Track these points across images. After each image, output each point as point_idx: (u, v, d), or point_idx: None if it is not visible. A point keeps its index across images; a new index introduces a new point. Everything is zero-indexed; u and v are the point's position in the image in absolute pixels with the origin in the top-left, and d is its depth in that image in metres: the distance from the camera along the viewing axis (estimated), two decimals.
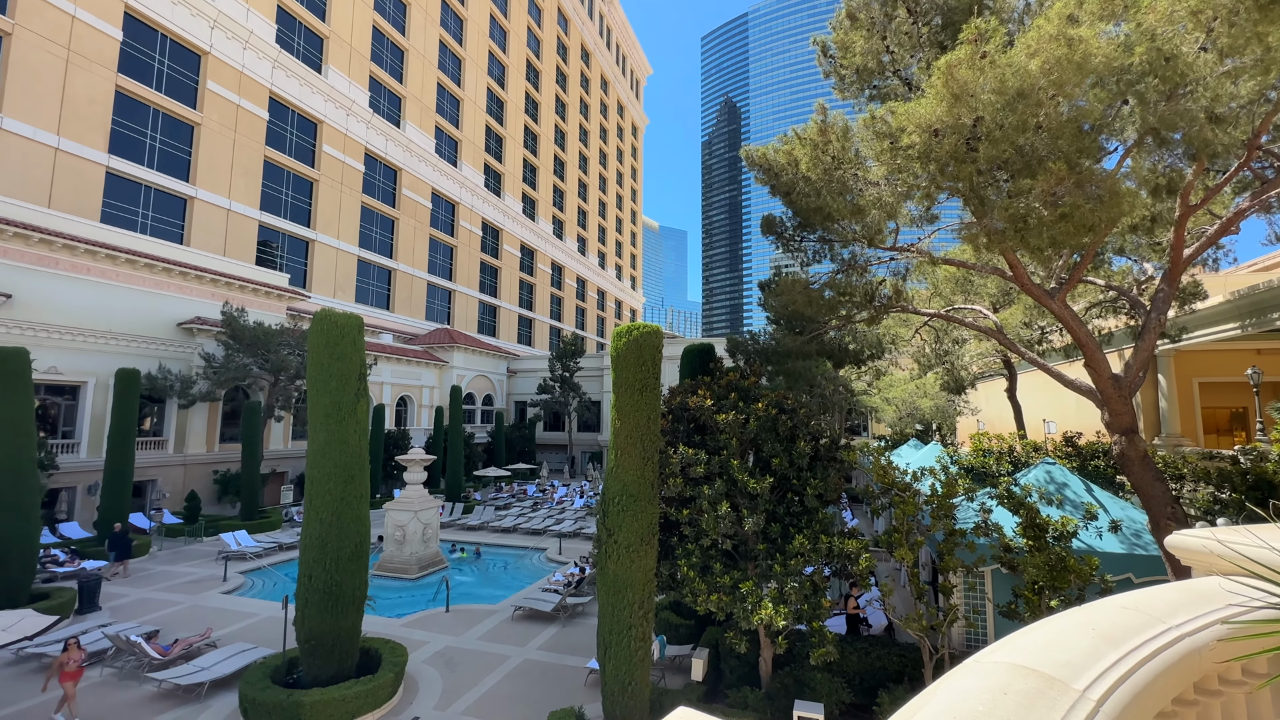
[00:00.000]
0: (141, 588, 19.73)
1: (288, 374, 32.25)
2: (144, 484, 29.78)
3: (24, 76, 31.34)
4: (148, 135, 37.67)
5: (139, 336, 30.01)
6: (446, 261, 66.43)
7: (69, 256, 27.54)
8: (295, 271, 47.45)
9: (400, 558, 21.71)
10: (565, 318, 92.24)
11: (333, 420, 11.74)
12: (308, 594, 11.42)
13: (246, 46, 43.42)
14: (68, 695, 10.82)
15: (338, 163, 51.42)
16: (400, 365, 46.76)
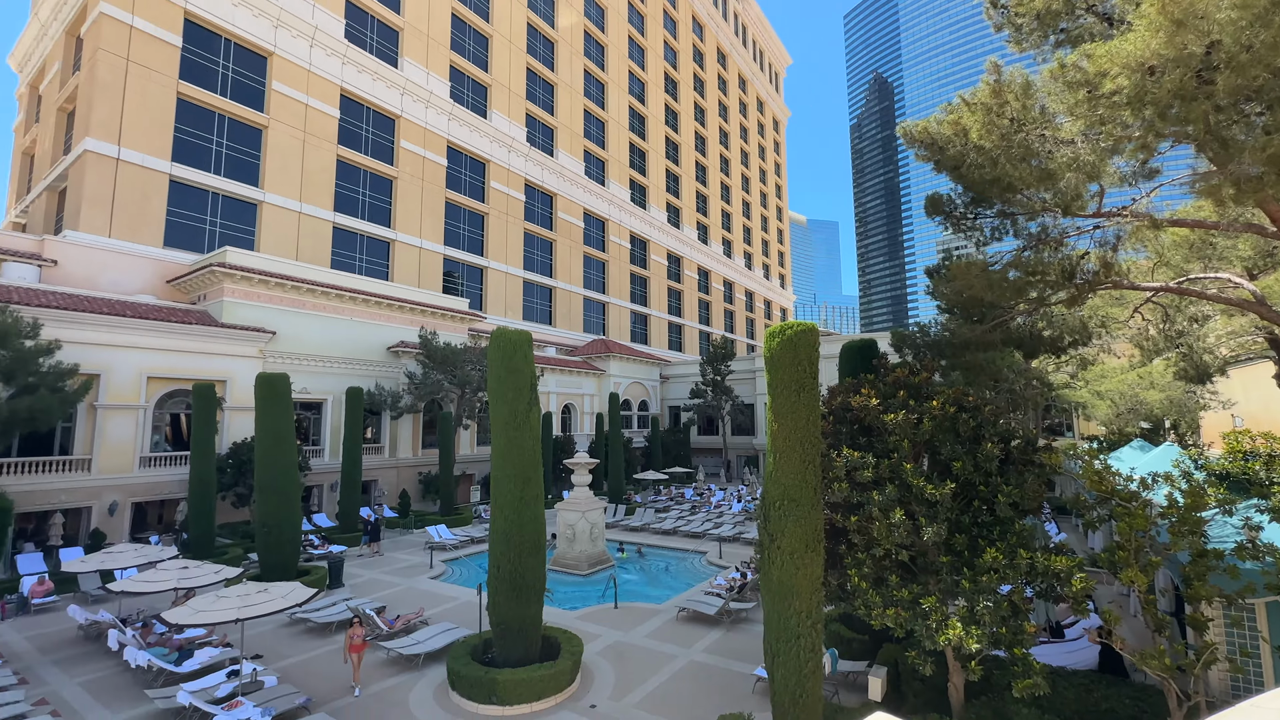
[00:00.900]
0: (372, 570, 23.57)
1: (471, 387, 36.45)
2: (369, 483, 35.57)
3: (277, 158, 39.55)
4: (359, 192, 45.25)
5: (360, 360, 36.03)
6: (599, 276, 70.22)
7: (310, 298, 34.01)
8: (473, 296, 53.53)
9: (571, 555, 23.29)
10: (714, 321, 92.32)
11: (510, 428, 13.01)
12: (496, 583, 12.75)
13: (428, 106, 50.22)
14: (354, 664, 13.01)
15: (503, 195, 57.11)
16: (563, 375, 50.35)
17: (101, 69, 32.39)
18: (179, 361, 27.83)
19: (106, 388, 25.46)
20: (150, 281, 32.40)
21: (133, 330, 26.34)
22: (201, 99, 36.43)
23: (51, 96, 38.82)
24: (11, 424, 19.74)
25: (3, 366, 19.79)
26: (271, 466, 19.78)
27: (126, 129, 32.95)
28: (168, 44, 34.90)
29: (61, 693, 12.89)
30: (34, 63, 43.40)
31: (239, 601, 11.95)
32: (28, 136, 43.44)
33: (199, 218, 36.30)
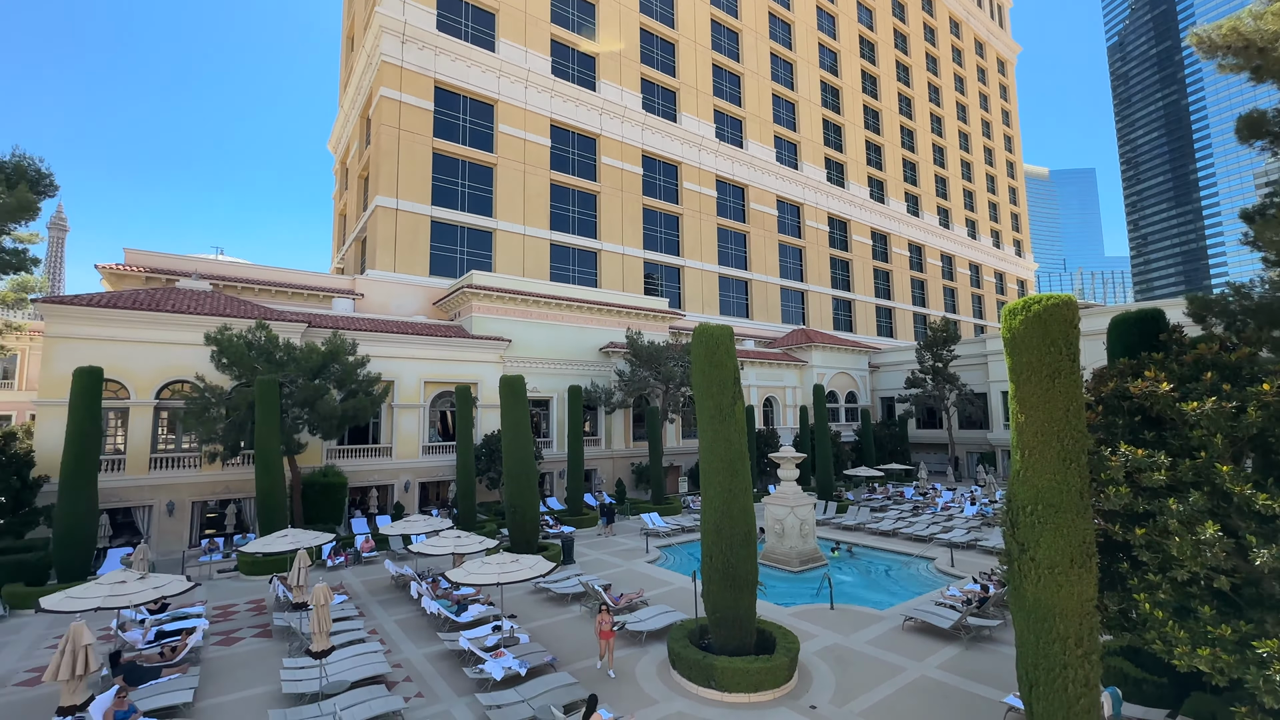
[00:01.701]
0: (596, 550, 26.06)
1: (674, 382, 38.01)
2: (589, 471, 39.33)
3: (504, 190, 45.87)
4: (569, 210, 50.17)
5: (577, 361, 40.00)
6: (796, 263, 67.70)
7: (535, 308, 38.78)
8: (671, 295, 55.69)
9: (780, 550, 22.89)
10: (930, 302, 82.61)
11: (716, 421, 13.27)
12: (710, 572, 13.12)
13: (624, 120, 53.59)
14: (604, 649, 13.49)
15: (695, 194, 58.36)
16: (763, 368, 49.67)
17: (383, 139, 41.03)
18: (444, 368, 33.99)
19: (398, 391, 32.22)
20: (422, 304, 40.12)
21: (413, 344, 32.89)
22: (448, 150, 43.92)
23: (354, 168, 50.33)
24: (343, 420, 26.14)
25: (337, 376, 26.32)
26: (514, 455, 23.08)
27: (401, 184, 41.22)
28: (424, 110, 42.77)
29: (384, 626, 16.71)
30: (342, 144, 56.76)
31: (498, 569, 14.20)
32: (340, 202, 56.99)
33: (451, 248, 43.81)
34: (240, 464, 26.53)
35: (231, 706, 12.09)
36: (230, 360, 23.91)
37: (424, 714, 11.69)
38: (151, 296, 26.69)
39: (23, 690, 12.97)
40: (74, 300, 24.11)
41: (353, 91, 50.09)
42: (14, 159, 22.36)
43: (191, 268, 32.63)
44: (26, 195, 21.27)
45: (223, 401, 24.18)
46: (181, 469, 25.99)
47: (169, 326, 25.80)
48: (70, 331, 23.88)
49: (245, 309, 28.28)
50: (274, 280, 35.45)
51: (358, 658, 13.04)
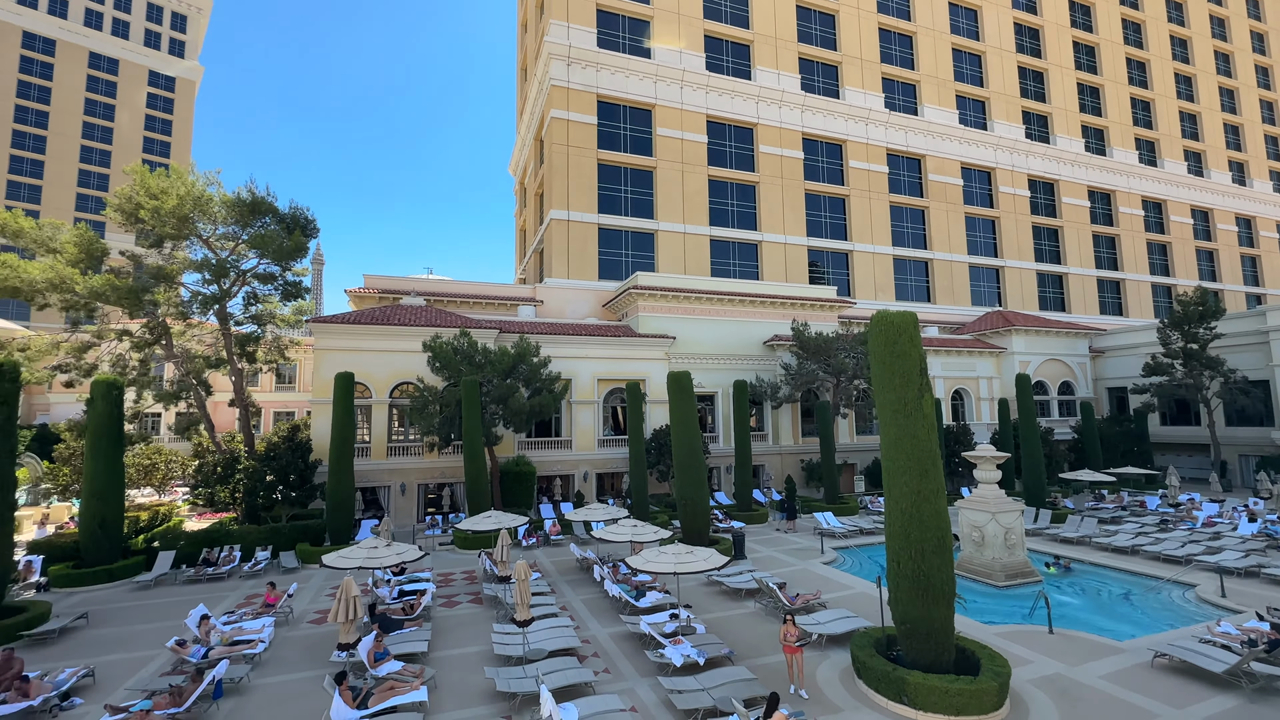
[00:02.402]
0: (768, 548, 25.61)
1: (846, 375, 35.80)
2: (757, 468, 38.76)
3: (663, 191, 47.05)
4: (727, 204, 49.83)
5: (740, 355, 39.61)
6: (988, 237, 59.64)
7: (697, 305, 39.20)
8: (839, 282, 52.51)
9: (980, 561, 20.37)
10: (1177, 269, 67.26)
11: (900, 416, 12.22)
12: (897, 579, 12.14)
13: (782, 105, 51.78)
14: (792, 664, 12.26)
15: (863, 172, 54.30)
16: (950, 357, 44.60)
17: (554, 157, 44.58)
18: (614, 366, 35.94)
19: (575, 388, 34.82)
20: (593, 307, 42.87)
21: (587, 345, 35.30)
22: (611, 159, 46.27)
23: (530, 187, 55.46)
24: (530, 415, 28.99)
25: (525, 376, 29.28)
26: (683, 449, 23.62)
27: (571, 197, 44.42)
28: (589, 124, 45.57)
29: (572, 604, 18.23)
30: (520, 167, 62.89)
31: (674, 559, 14.66)
32: (520, 219, 63.18)
33: (617, 253, 46.11)
34: (452, 453, 30.80)
35: (455, 660, 14.11)
36: (442, 364, 27.87)
37: (611, 689, 12.50)
38: (383, 313, 32.18)
39: (312, 627, 16.52)
40: (332, 319, 30.03)
41: (527, 117, 55.19)
42: (291, 210, 28.48)
43: (410, 287, 38.66)
44: (301, 239, 26.97)
45: (437, 399, 28.28)
46: (409, 456, 30.95)
47: (396, 337, 30.86)
48: (331, 344, 29.76)
49: (450, 319, 32.75)
50: (470, 293, 40.52)
51: (553, 630, 14.38)
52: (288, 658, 14.37)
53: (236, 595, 19.39)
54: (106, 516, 20.94)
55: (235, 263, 28.61)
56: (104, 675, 13.39)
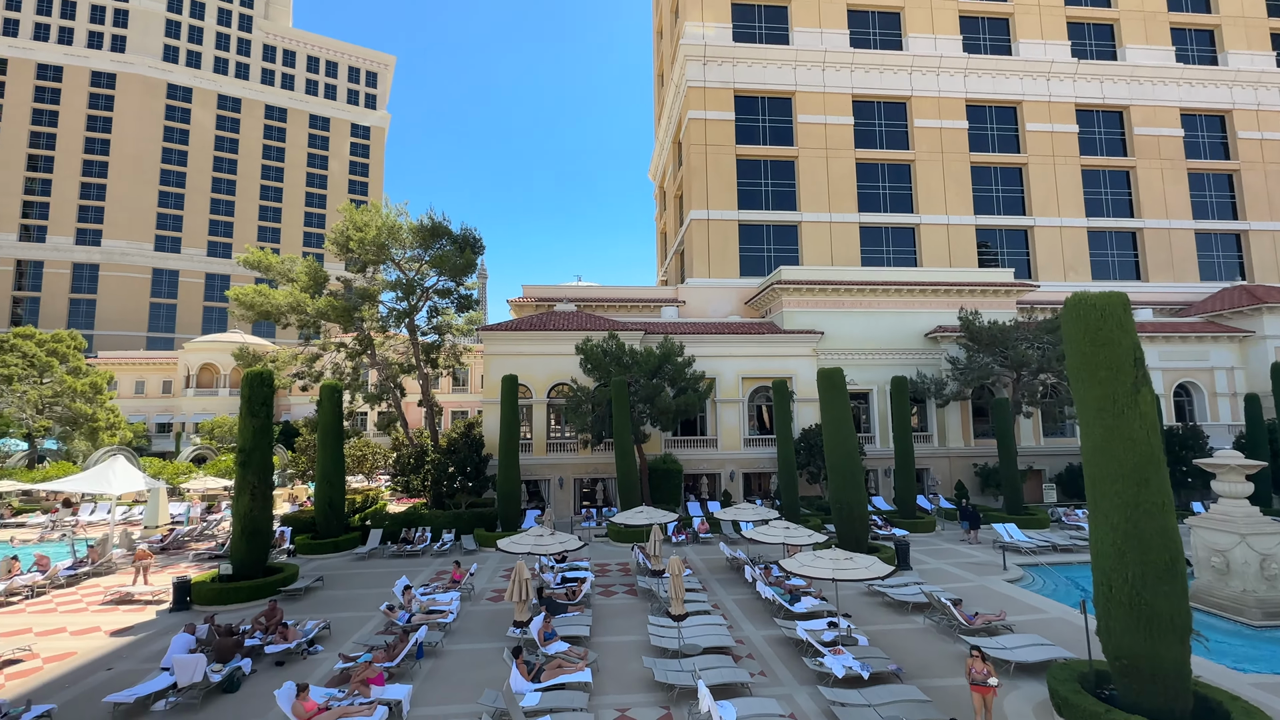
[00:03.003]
0: (938, 559, 23.36)
1: (1029, 368, 31.43)
2: (920, 471, 35.52)
3: (806, 180, 45.12)
4: (878, 187, 46.39)
5: (898, 349, 36.60)
6: (1223, 195, 48.72)
7: (847, 297, 36.97)
8: (1016, 263, 46.34)
9: (1224, 593, 16.65)
10: None
11: (1107, 414, 10.42)
12: (1108, 606, 10.36)
13: (940, 72, 46.97)
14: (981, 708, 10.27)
15: (1044, 135, 47.36)
16: (1170, 345, 37.13)
17: (693, 158, 44.89)
18: (759, 364, 35.22)
19: (719, 387, 34.72)
20: (735, 305, 42.43)
21: (730, 343, 35.04)
22: (750, 154, 45.43)
23: (670, 189, 56.41)
24: (676, 414, 29.48)
25: (669, 375, 29.86)
26: (837, 450, 22.41)
27: (711, 196, 44.41)
28: (726, 121, 45.20)
29: (724, 602, 18.20)
30: (659, 171, 64.29)
31: (831, 564, 13.98)
32: (661, 222, 64.55)
33: (758, 248, 45.16)
34: (603, 450, 32.37)
35: (614, 646, 14.81)
36: (592, 365, 29.44)
37: (768, 692, 12.26)
38: (539, 320, 34.83)
39: (490, 604, 18.38)
40: (497, 327, 33.19)
41: (665, 122, 56.23)
42: (462, 231, 31.97)
43: (562, 294, 41.39)
44: (472, 257, 30.19)
45: (589, 399, 29.93)
46: (566, 452, 33.13)
47: (551, 342, 33.21)
48: (497, 350, 32.90)
49: (599, 323, 34.47)
50: (615, 297, 42.28)
51: (706, 627, 14.48)
52: (472, 629, 16.15)
53: (429, 571, 22.24)
54: (333, 498, 25.26)
55: (420, 281, 32.88)
56: (336, 628, 16.13)
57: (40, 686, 13.00)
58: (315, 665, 13.83)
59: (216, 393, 64.15)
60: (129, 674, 13.46)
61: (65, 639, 15.91)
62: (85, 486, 25.52)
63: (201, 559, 24.59)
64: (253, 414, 19.74)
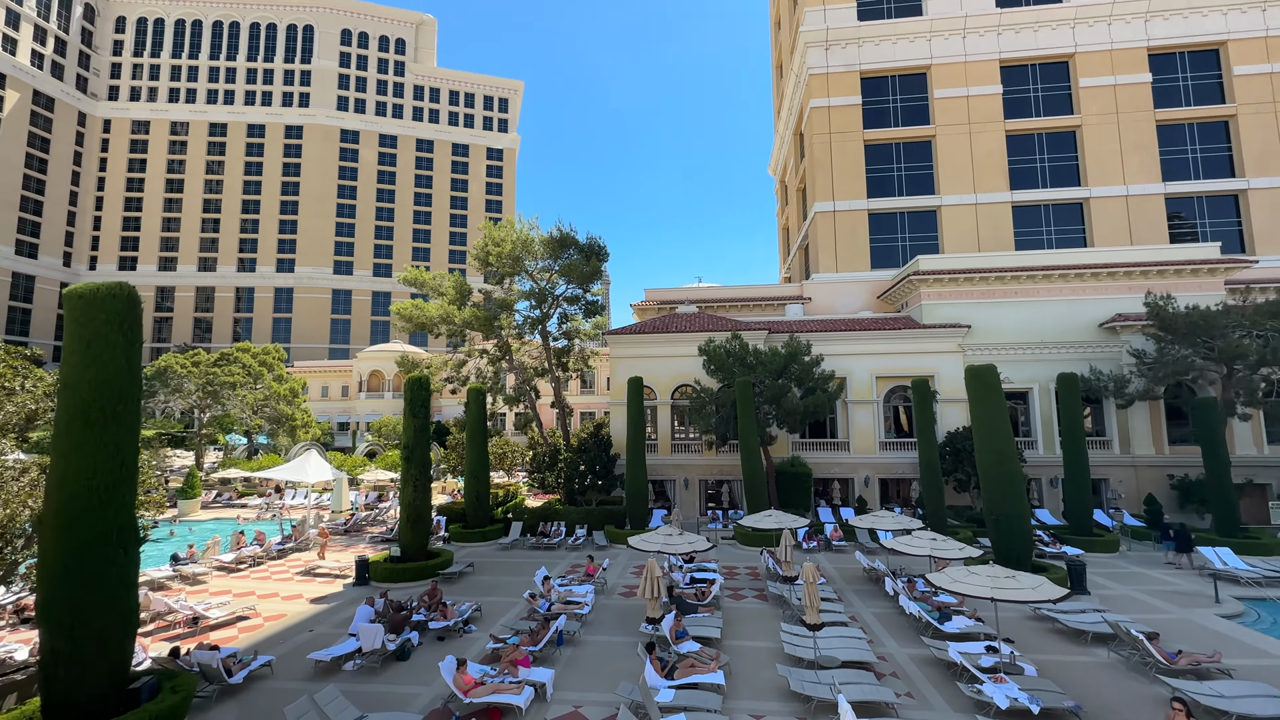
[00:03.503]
0: (1122, 585, 20.17)
1: (1245, 362, 26.10)
2: (1096, 482, 30.89)
3: (946, 160, 41.31)
4: (1034, 160, 41.22)
5: (1064, 343, 32.17)
6: None
7: (999, 286, 33.22)
8: (1224, 236, 38.78)
9: None
10: None
11: None
12: None
13: (1112, 20, 40.75)
14: None
15: (1260, 79, 39.24)
16: None
17: (816, 148, 43.05)
18: (894, 362, 32.82)
19: (850, 387, 32.88)
20: (866, 299, 39.97)
21: (861, 340, 33.05)
22: (879, 138, 42.58)
23: (791, 183, 54.60)
24: (804, 415, 28.39)
25: (796, 375, 28.85)
26: (992, 456, 20.19)
27: (836, 186, 42.29)
28: (852, 106, 42.79)
29: (862, 615, 17.17)
30: (779, 165, 62.46)
31: (989, 582, 12.62)
32: (783, 217, 62.66)
33: (891, 238, 42.17)
34: (728, 451, 32.07)
35: (745, 651, 14.58)
36: (715, 366, 29.29)
37: (916, 716, 11.36)
38: (662, 322, 35.36)
39: (622, 599, 18.97)
40: (621, 331, 34.23)
41: (785, 114, 54.53)
42: (588, 240, 33.42)
43: (683, 296, 41.68)
44: (597, 264, 31.48)
45: (713, 400, 29.81)
46: (690, 453, 33.29)
47: (673, 344, 33.55)
48: (622, 353, 33.92)
49: (721, 323, 34.22)
50: (737, 297, 41.71)
51: (845, 640, 13.75)
52: (605, 621, 16.78)
53: (565, 563, 23.47)
54: (480, 492, 27.60)
55: (550, 289, 34.91)
56: (486, 611, 17.59)
57: (262, 640, 15.63)
58: (470, 643, 15.19)
59: (383, 396, 72.92)
60: (325, 636, 15.72)
61: (278, 602, 18.99)
62: (288, 475, 30.30)
63: (375, 541, 28.08)
64: (414, 415, 22.18)
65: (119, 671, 10.37)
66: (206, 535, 26.99)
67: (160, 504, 14.81)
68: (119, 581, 10.34)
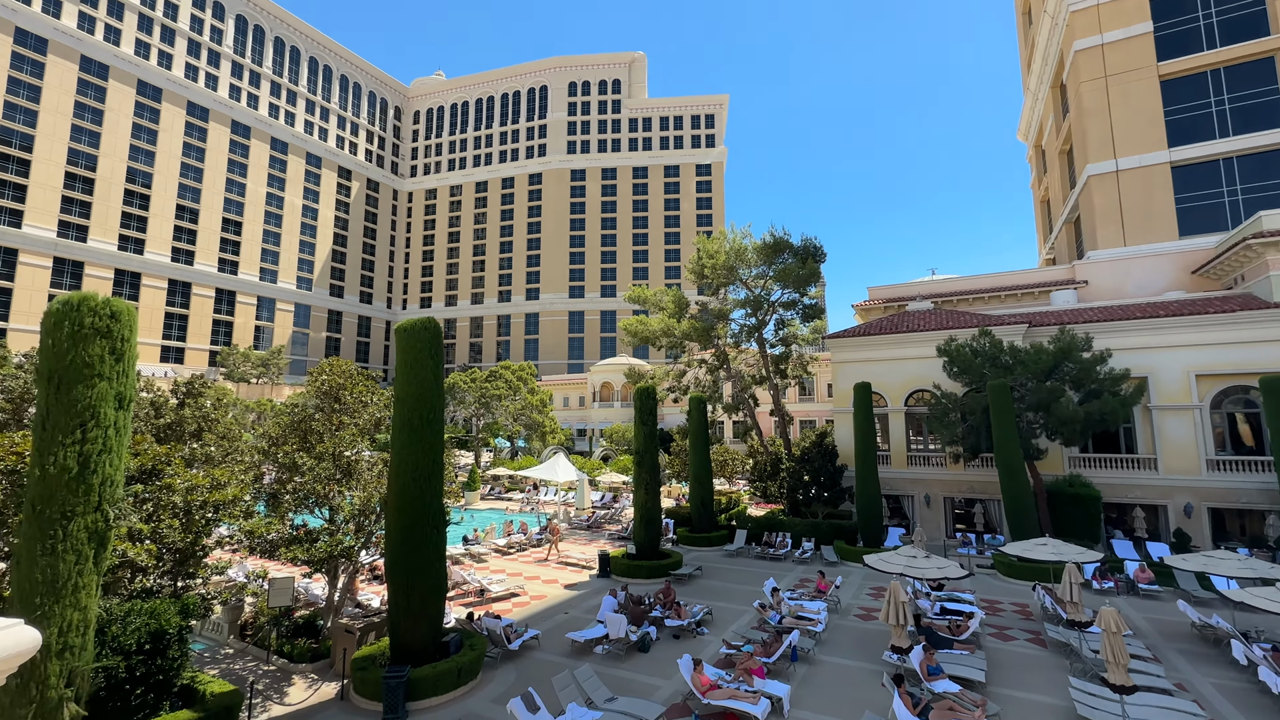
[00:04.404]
0: None
1: None
2: None
3: None
4: None
5: None
6: None
7: None
8: None
9: None
10: None
11: None
12: None
13: None
14: None
15: None
16: None
17: (1085, 98, 35.35)
18: (1225, 355, 25.00)
19: (1155, 389, 25.96)
20: (1172, 277, 31.31)
21: (1169, 329, 25.94)
22: (1182, 68, 33.24)
23: (1050, 147, 45.65)
24: (1085, 425, 23.20)
25: (1071, 376, 23.82)
26: None
27: (1118, 140, 34.16)
28: (1136, 37, 34.25)
29: (1192, 683, 13.24)
30: (1033, 128, 52.72)
31: None
32: (1041, 188, 52.66)
33: (1210, 193, 32.50)
34: (980, 466, 27.81)
35: (1020, 704, 12.33)
36: (959, 368, 25.71)
37: None
38: (890, 322, 32.35)
39: (859, 621, 17.63)
40: (843, 334, 32.21)
41: (1038, 67, 45.99)
42: (802, 243, 32.34)
43: (914, 292, 37.60)
44: (814, 266, 30.28)
45: (957, 406, 26.18)
46: (931, 466, 29.68)
47: (905, 345, 30.40)
48: (845, 357, 31.90)
49: (964, 319, 29.98)
50: (983, 287, 36.12)
51: (1169, 713, 10.75)
52: (840, 642, 15.76)
53: (792, 576, 22.74)
54: (704, 497, 28.37)
55: (765, 296, 34.53)
56: (716, 616, 17.91)
57: (529, 616, 18.21)
58: (703, 645, 15.61)
59: (613, 405, 79.94)
60: (577, 620, 17.66)
61: (539, 585, 21.95)
62: (542, 474, 34.98)
63: (612, 538, 30.73)
64: (643, 422, 23.81)
65: (435, 625, 13.02)
66: (484, 522, 32.58)
67: (457, 494, 18.31)
68: (435, 553, 13.02)
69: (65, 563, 7.81)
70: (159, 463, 12.34)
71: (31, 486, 7.95)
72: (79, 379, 8.09)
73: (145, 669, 9.56)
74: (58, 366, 8.10)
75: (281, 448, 16.08)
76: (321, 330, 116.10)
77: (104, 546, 8.26)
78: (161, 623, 9.75)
